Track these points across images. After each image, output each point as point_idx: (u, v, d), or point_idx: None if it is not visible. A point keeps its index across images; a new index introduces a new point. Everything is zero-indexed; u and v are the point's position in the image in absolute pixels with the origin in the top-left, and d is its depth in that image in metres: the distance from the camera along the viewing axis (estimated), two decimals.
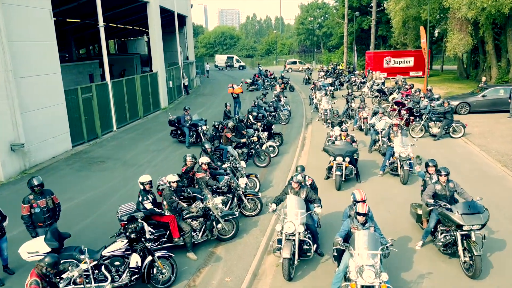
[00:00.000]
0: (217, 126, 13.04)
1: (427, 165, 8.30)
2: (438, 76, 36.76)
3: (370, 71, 33.60)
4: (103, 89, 18.33)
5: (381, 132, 13.68)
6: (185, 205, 7.81)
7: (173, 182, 7.79)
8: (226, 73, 53.91)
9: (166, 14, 32.93)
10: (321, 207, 7.36)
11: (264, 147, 14.14)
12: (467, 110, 19.34)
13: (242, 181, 9.04)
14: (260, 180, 10.98)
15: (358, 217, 6.33)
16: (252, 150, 13.16)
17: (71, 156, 14.91)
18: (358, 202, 6.84)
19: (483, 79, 21.63)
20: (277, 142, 15.04)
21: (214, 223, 7.93)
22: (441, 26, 35.41)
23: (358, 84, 29.85)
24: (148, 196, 7.68)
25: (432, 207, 7.43)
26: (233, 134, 14.45)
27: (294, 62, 54.83)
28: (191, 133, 15.83)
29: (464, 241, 6.89)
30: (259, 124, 15.36)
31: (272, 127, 15.43)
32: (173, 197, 7.59)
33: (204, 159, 8.97)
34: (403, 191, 10.71)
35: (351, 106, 19.93)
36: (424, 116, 15.93)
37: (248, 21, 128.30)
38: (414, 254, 7.69)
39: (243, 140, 12.84)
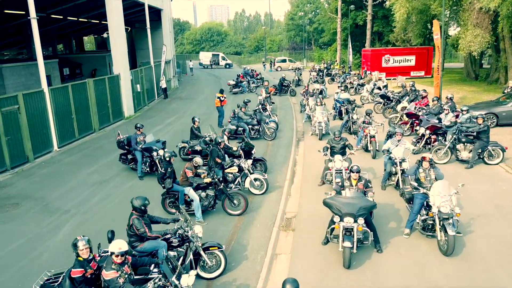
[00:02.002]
0: (168, 160, 9.05)
1: None
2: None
3: (369, 72, 29.86)
4: (37, 99, 14.27)
5: (400, 163, 9.88)
6: None
7: None
8: (210, 71, 49.87)
9: (139, 8, 28.95)
10: None
11: (247, 181, 10.28)
12: (494, 122, 15.71)
13: (187, 280, 5.19)
14: (226, 253, 7.15)
15: None
16: (227, 186, 9.30)
17: None
18: None
19: (510, 84, 17.98)
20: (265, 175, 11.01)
21: None
22: (440, 20, 31.73)
23: (355, 87, 25.97)
24: None
25: None
26: (204, 161, 10.61)
27: (284, 60, 50.71)
28: (144, 159, 11.93)
29: None
30: (235, 147, 11.51)
31: (253, 151, 11.55)
32: None
33: (117, 245, 5.00)
34: (449, 269, 6.84)
35: (351, 117, 16.10)
36: (449, 135, 12.21)
37: (236, 17, 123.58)
38: None
39: (207, 180, 8.91)
